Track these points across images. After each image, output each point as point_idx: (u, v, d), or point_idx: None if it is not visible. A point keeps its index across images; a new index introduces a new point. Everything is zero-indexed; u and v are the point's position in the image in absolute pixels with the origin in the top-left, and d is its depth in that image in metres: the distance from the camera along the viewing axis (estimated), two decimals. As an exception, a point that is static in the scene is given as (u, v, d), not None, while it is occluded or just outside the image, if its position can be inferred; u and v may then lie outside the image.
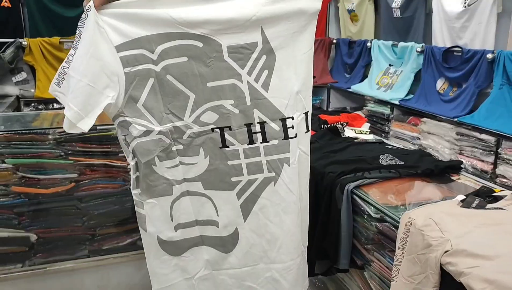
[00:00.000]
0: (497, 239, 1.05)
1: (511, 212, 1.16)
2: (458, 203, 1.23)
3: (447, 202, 1.30)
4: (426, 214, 1.15)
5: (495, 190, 1.40)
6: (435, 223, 1.11)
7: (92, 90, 0.94)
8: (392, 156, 1.75)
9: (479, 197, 1.26)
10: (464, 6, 2.54)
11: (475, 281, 0.93)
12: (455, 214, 1.16)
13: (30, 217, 2.25)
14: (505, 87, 2.28)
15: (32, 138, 2.19)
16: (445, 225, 1.10)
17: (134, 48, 0.94)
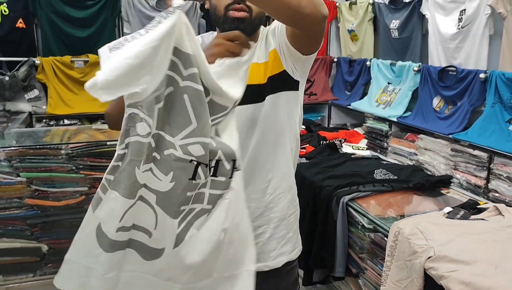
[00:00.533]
0: (476, 246, 1.14)
1: (491, 222, 1.25)
2: (444, 215, 1.32)
3: (433, 213, 1.39)
4: (413, 224, 1.24)
5: (480, 203, 1.49)
6: (421, 232, 1.20)
7: (132, 74, 0.94)
8: (386, 171, 1.84)
9: (465, 209, 1.35)
10: (458, 28, 2.65)
11: (453, 283, 1.01)
12: (440, 224, 1.25)
13: (42, 228, 2.34)
14: (497, 105, 2.38)
15: (45, 153, 2.29)
16: (429, 233, 1.19)
17: (178, 57, 0.98)
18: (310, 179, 1.86)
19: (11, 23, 3.26)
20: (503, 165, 2.18)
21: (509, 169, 2.15)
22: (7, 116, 3.20)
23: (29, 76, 3.33)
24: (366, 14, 3.55)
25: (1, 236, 2.29)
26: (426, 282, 1.12)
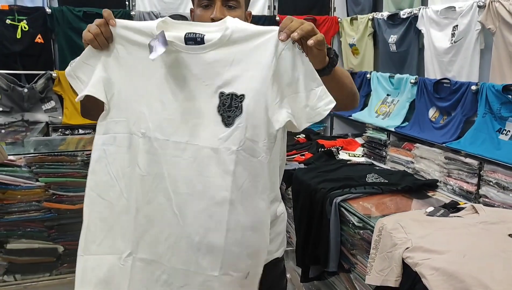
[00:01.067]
0: (450, 239, 1.27)
1: (466, 219, 1.38)
2: (425, 213, 1.45)
3: (415, 211, 1.52)
4: (396, 220, 1.38)
5: (460, 203, 1.62)
6: (402, 227, 1.33)
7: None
8: (377, 175, 1.98)
9: (445, 208, 1.48)
10: (451, 43, 2.79)
11: (426, 269, 1.15)
12: (420, 220, 1.39)
13: (58, 230, 2.47)
14: (488, 115, 2.50)
15: (62, 160, 2.44)
16: (409, 228, 1.32)
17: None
18: (307, 182, 2.00)
19: (31, 38, 3.45)
20: (493, 171, 2.30)
21: (498, 175, 2.26)
22: (25, 126, 3.38)
23: (46, 88, 3.51)
24: (366, 29, 3.70)
25: (20, 237, 2.43)
26: (404, 270, 1.26)
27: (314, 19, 4.05)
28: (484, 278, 1.08)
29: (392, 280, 1.30)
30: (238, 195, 1.04)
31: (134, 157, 1.09)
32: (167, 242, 1.08)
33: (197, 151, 1.05)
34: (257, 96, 1.02)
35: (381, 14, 3.52)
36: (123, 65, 1.09)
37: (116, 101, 1.10)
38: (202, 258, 1.06)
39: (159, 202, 1.08)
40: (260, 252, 1.11)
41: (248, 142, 1.03)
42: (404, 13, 3.21)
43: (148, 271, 1.10)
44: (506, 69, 2.45)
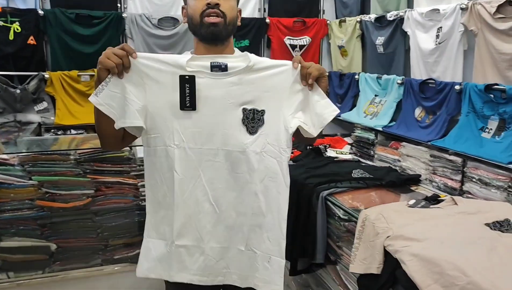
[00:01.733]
0: (429, 228, 1.33)
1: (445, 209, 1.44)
2: (406, 204, 1.51)
3: (397, 203, 1.58)
4: (378, 211, 1.44)
5: (441, 196, 1.68)
6: (384, 217, 1.39)
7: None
8: (363, 171, 2.04)
9: (427, 200, 1.54)
10: (436, 44, 2.87)
11: (405, 256, 1.20)
12: (402, 211, 1.45)
13: (51, 228, 2.50)
14: (471, 114, 2.58)
15: (55, 158, 2.47)
16: (391, 218, 1.38)
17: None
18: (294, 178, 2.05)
19: (23, 40, 3.47)
20: (475, 168, 2.37)
21: (480, 172, 2.34)
22: (18, 127, 3.40)
23: (39, 89, 3.53)
24: (355, 31, 3.78)
25: (13, 235, 2.45)
26: (386, 258, 1.31)
27: (304, 21, 4.12)
28: (460, 263, 1.14)
29: (374, 267, 1.36)
30: (261, 187, 1.34)
31: (171, 164, 1.33)
32: (206, 229, 1.33)
33: (227, 154, 1.32)
34: (275, 111, 1.33)
35: (369, 16, 3.60)
36: (148, 91, 1.30)
37: (150, 121, 1.32)
38: (234, 235, 1.35)
39: (197, 197, 1.33)
40: (278, 238, 1.38)
41: (269, 146, 1.34)
42: (391, 15, 3.29)
43: (188, 255, 1.35)
44: (488, 69, 2.53)
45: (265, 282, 1.37)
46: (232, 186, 1.33)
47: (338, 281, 1.82)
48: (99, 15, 3.63)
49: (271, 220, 1.36)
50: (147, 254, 1.41)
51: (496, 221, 1.40)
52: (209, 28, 1.34)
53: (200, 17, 1.35)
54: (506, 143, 2.32)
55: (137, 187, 2.60)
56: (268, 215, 1.36)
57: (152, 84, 1.30)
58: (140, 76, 1.29)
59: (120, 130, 1.35)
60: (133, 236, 2.66)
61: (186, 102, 1.29)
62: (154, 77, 1.30)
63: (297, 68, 1.33)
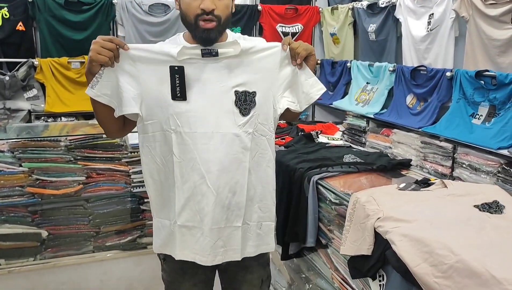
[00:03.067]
0: (418, 210, 1.34)
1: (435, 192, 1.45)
2: (397, 187, 1.52)
3: (388, 186, 1.59)
4: (369, 193, 1.44)
5: (431, 179, 1.70)
6: (374, 199, 1.40)
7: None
8: (354, 156, 2.05)
9: (417, 184, 1.56)
10: (427, 31, 2.88)
11: (395, 236, 1.21)
12: (392, 194, 1.46)
13: (42, 215, 2.50)
14: (462, 101, 2.59)
15: (46, 145, 2.46)
16: (381, 201, 1.39)
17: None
18: (286, 163, 2.06)
19: (12, 26, 3.43)
20: (466, 154, 2.38)
21: (470, 158, 2.35)
22: (7, 114, 3.37)
23: (28, 76, 3.50)
24: (347, 19, 3.77)
25: (4, 222, 2.45)
26: (376, 239, 1.32)
27: (296, 9, 4.10)
28: (448, 242, 1.15)
29: (364, 249, 1.37)
30: (253, 164, 1.40)
31: (170, 148, 1.36)
32: (204, 210, 1.37)
33: (222, 136, 1.35)
34: (265, 92, 1.38)
35: (361, 3, 3.59)
36: (142, 80, 1.33)
37: (145, 108, 1.36)
38: (230, 215, 1.39)
39: (195, 180, 1.36)
40: (268, 205, 1.46)
41: (260, 125, 1.39)
42: (383, 2, 3.29)
43: (190, 234, 1.39)
44: (479, 56, 2.54)
45: (257, 246, 1.46)
46: (227, 167, 1.36)
47: (329, 264, 1.84)
48: (88, 1, 3.59)
49: (261, 191, 1.44)
50: (158, 232, 1.48)
51: (485, 203, 1.42)
52: (203, 33, 1.34)
53: (195, 19, 1.34)
54: (496, 129, 2.33)
55: (129, 174, 2.60)
56: (258, 187, 1.43)
57: (145, 73, 1.33)
58: (133, 66, 1.33)
59: (120, 118, 1.39)
60: (125, 223, 2.67)
61: (177, 92, 1.32)
62: (146, 67, 1.33)
63: (286, 50, 1.39)
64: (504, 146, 2.19)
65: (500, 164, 2.17)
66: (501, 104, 2.36)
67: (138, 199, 2.67)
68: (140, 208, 2.68)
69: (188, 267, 1.48)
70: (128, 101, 1.33)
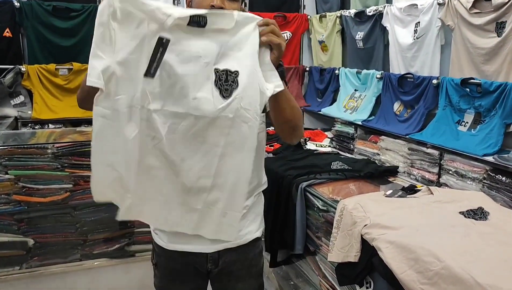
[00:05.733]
0: (405, 217, 1.35)
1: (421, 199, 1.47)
2: (384, 194, 1.54)
3: (375, 193, 1.61)
4: (356, 200, 1.46)
5: (417, 186, 1.71)
6: (361, 206, 1.41)
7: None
8: (342, 163, 2.06)
9: (403, 191, 1.57)
10: (414, 39, 2.91)
11: (381, 243, 1.22)
12: (379, 201, 1.47)
13: (28, 223, 2.45)
14: (448, 108, 2.62)
15: (32, 152, 2.42)
16: (368, 208, 1.40)
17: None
18: (274, 170, 2.07)
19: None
20: (452, 161, 2.41)
21: (456, 164, 2.38)
22: (-7, 121, 3.34)
23: (15, 82, 3.47)
24: (335, 26, 3.80)
25: (-10, 231, 2.42)
26: (363, 246, 1.33)
27: (285, 16, 4.13)
28: (434, 249, 1.17)
29: (352, 256, 1.38)
30: (229, 150, 1.24)
31: (135, 125, 1.21)
32: (164, 196, 1.28)
33: (196, 119, 1.20)
34: (250, 72, 1.20)
35: (349, 11, 3.62)
36: (118, 42, 1.18)
37: (114, 82, 1.19)
38: (190, 198, 1.28)
39: (157, 161, 1.25)
40: (237, 196, 1.30)
41: (242, 110, 1.21)
42: (370, 10, 3.32)
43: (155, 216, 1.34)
44: (464, 64, 2.58)
45: (215, 232, 1.35)
46: (194, 150, 1.25)
47: (317, 271, 1.84)
48: (77, 8, 3.57)
49: (233, 180, 1.29)
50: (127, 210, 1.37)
51: (470, 210, 1.44)
52: None
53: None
54: (481, 136, 2.37)
55: (117, 181, 2.57)
56: (229, 175, 1.28)
57: (121, 34, 1.18)
58: (115, 19, 1.18)
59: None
60: (113, 230, 2.64)
61: (152, 68, 1.16)
62: (124, 26, 1.18)
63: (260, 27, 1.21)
64: (489, 153, 2.23)
65: (486, 171, 2.20)
66: (486, 111, 2.39)
67: (126, 206, 2.64)
68: (128, 215, 2.65)
69: (179, 274, 1.46)
70: (96, 73, 1.17)
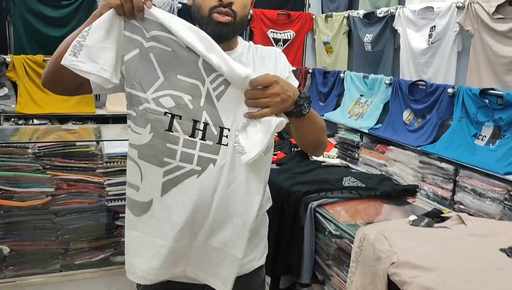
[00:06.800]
0: (438, 253, 1.16)
1: (454, 230, 1.28)
2: (408, 222, 1.35)
3: (398, 220, 1.42)
4: (378, 230, 1.26)
5: (444, 212, 1.53)
6: (386, 238, 1.22)
7: (115, 52, 1.09)
8: (354, 179, 1.87)
9: (429, 217, 1.38)
10: (428, 44, 2.73)
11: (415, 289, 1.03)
12: (404, 230, 1.28)
13: (4, 229, 2.29)
14: (464, 120, 2.44)
15: (11, 152, 2.24)
16: (394, 240, 1.21)
17: (136, 22, 1.09)
18: (279, 184, 1.87)
19: (-17, 19, 3.19)
20: (468, 177, 2.24)
21: (474, 182, 2.20)
22: (-27, 114, 3.12)
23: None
24: (341, 27, 3.62)
25: (-40, 237, 2.22)
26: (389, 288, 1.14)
27: (288, 15, 3.94)
28: (478, 298, 0.98)
29: (374, 297, 1.18)
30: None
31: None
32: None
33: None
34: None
35: (357, 12, 3.44)
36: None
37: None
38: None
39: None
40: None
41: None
42: (381, 12, 3.14)
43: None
44: (484, 73, 2.40)
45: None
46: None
47: (326, 304, 1.65)
48: (69, -4, 3.36)
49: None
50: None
51: None
52: (216, 26, 1.20)
53: (209, 12, 1.21)
54: (502, 152, 2.19)
55: (103, 186, 2.39)
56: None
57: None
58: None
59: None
60: (97, 239, 2.46)
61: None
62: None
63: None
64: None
65: (508, 191, 2.02)
66: (507, 125, 2.21)
67: (113, 213, 2.45)
68: (114, 223, 2.47)
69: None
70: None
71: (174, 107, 1.12)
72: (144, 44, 1.10)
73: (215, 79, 1.14)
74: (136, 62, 1.10)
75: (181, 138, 1.12)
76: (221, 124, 1.15)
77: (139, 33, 1.10)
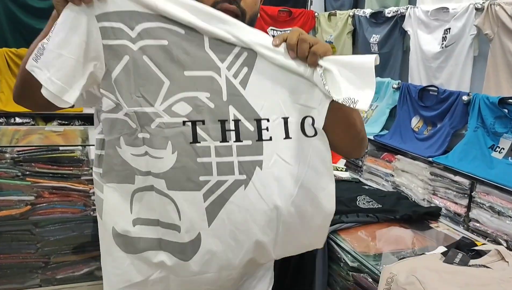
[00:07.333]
0: (481, 301, 1.00)
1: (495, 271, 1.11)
2: (440, 258, 1.17)
3: (429, 256, 1.24)
4: (409, 270, 1.08)
5: (476, 243, 1.36)
6: (419, 281, 1.04)
7: (74, 62, 0.87)
8: (369, 198, 1.70)
9: (461, 250, 1.21)
10: (442, 47, 2.55)
11: None
12: (438, 270, 1.10)
13: (-22, 241, 2.11)
14: (480, 130, 2.28)
15: (-14, 156, 2.05)
16: (428, 283, 1.03)
17: (113, 21, 0.87)
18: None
19: (-38, 8, 2.99)
20: (486, 193, 2.07)
21: (491, 198, 2.04)
22: (-50, 111, 2.91)
23: (-21, 67, 3.05)
24: (346, 27, 3.44)
25: None
26: None
27: (290, 12, 3.76)
28: None
29: None
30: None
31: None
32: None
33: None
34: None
35: (363, 11, 3.26)
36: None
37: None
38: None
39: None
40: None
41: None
42: (390, 11, 2.96)
43: None
44: (503, 80, 2.23)
45: None
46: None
47: None
48: (56, -14, 3.15)
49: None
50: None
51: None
52: None
53: (212, 5, 0.97)
54: (523, 167, 2.03)
55: (89, 195, 2.21)
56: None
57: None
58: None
59: None
60: (81, 252, 2.28)
61: None
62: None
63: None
64: (536, 189, 1.89)
65: (531, 211, 1.85)
66: (528, 137, 2.05)
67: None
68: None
69: None
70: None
71: (192, 111, 0.90)
72: (132, 47, 0.88)
73: (232, 63, 0.92)
74: (130, 73, 0.89)
75: (211, 146, 0.90)
76: (256, 116, 0.93)
77: (122, 35, 0.88)
